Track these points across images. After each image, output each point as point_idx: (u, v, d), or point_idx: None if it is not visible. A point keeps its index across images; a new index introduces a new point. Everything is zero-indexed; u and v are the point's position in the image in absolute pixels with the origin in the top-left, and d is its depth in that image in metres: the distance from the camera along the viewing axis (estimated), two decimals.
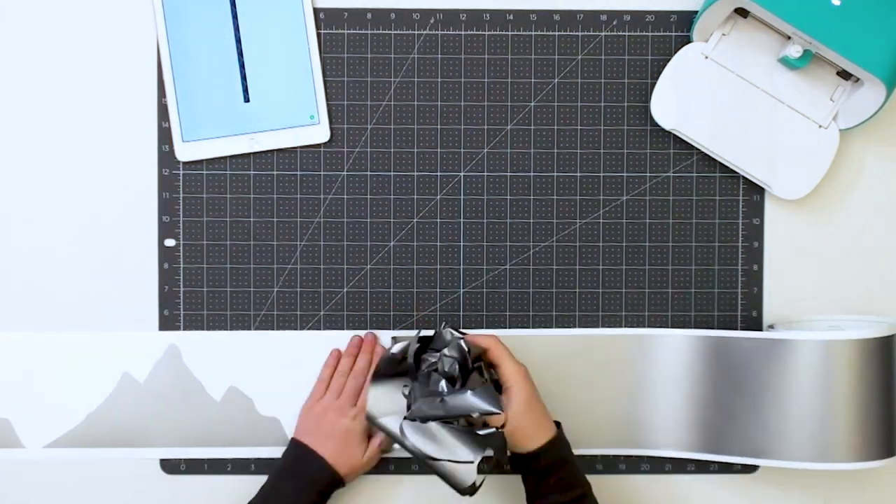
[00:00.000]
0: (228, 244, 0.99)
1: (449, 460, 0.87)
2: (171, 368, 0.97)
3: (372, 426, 0.92)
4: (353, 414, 0.93)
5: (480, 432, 0.86)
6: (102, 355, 0.97)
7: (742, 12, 0.94)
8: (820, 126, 0.96)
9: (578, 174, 0.99)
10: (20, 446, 0.97)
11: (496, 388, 0.89)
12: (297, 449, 0.93)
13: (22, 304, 0.98)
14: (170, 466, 0.98)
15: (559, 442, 0.89)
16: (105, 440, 0.97)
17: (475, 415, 0.86)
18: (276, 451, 0.96)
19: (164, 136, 0.98)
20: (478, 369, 0.90)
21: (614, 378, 0.98)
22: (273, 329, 0.98)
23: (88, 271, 0.98)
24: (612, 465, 0.99)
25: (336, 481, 0.91)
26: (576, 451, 0.91)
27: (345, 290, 0.99)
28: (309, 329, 0.98)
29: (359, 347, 0.97)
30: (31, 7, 0.97)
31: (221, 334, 0.98)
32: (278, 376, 0.98)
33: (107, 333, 0.97)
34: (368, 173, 0.99)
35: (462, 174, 0.99)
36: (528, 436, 0.88)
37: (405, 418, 0.89)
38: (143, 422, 0.97)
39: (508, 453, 0.89)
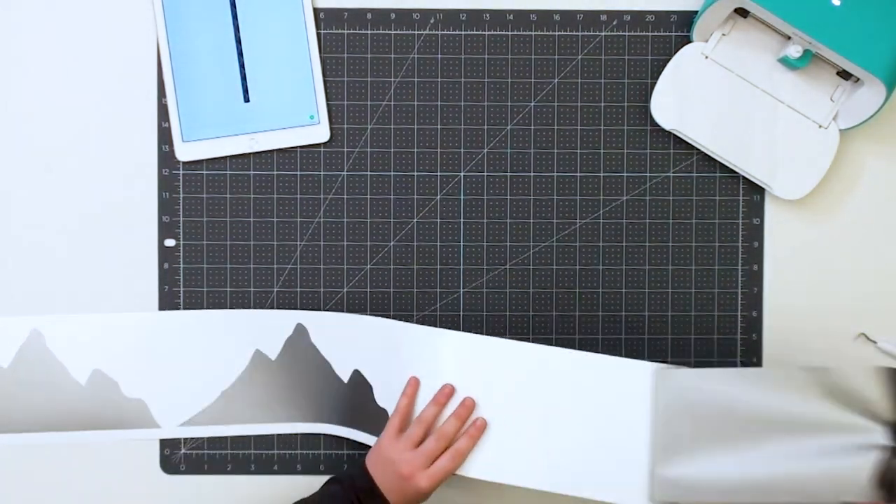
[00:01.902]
0: (228, 244, 0.99)
1: None
2: (35, 353, 0.97)
3: None
4: (428, 476, 0.87)
5: None
6: None
7: (742, 12, 0.94)
8: (820, 126, 0.96)
9: (578, 174, 0.99)
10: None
11: None
12: (366, 482, 0.88)
13: (22, 304, 0.98)
14: (170, 466, 0.98)
15: None
16: None
17: None
18: (140, 434, 0.97)
19: (164, 136, 0.98)
20: None
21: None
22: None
23: (88, 271, 0.98)
24: None
25: None
26: None
27: (345, 290, 0.99)
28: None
29: (449, 397, 0.90)
30: (31, 7, 0.97)
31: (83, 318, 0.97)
32: (143, 359, 0.97)
33: None
34: (368, 173, 0.99)
35: (462, 174, 0.99)
36: None
37: None
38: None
39: None
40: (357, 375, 0.95)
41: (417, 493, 0.87)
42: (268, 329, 0.97)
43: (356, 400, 0.95)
